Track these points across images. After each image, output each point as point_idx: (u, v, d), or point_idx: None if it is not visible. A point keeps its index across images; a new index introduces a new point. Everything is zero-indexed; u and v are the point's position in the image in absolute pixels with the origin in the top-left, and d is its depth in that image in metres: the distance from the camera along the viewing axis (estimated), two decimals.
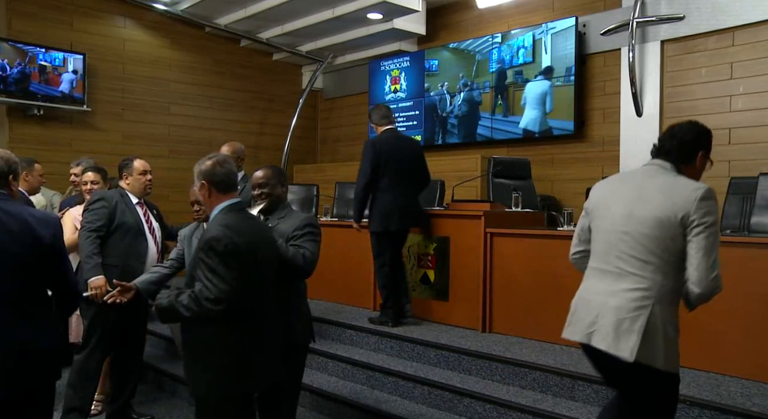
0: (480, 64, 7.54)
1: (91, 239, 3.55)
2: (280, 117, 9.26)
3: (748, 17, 5.57)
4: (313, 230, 2.95)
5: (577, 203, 6.17)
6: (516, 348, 4.01)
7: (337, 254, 5.70)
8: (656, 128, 6.15)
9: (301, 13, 7.76)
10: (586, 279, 2.48)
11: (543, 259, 4.22)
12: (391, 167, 4.55)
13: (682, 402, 3.02)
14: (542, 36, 6.96)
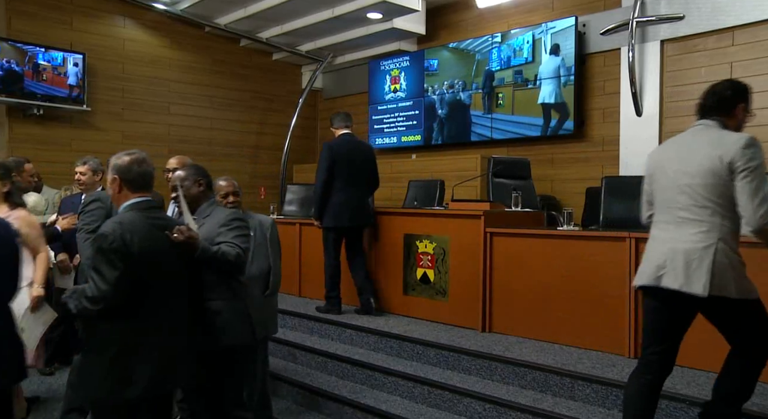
0: (480, 63, 7.55)
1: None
2: (280, 117, 9.27)
3: (748, 17, 5.58)
4: (240, 224, 2.88)
5: (577, 203, 6.19)
6: (516, 348, 4.01)
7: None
8: (656, 128, 6.16)
9: (300, 12, 7.76)
10: (652, 233, 2.74)
11: (543, 259, 4.22)
12: (345, 169, 4.92)
13: (681, 402, 3.03)
14: (542, 36, 6.97)
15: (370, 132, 8.93)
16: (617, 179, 5.38)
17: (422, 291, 4.90)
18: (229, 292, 2.89)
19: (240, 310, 2.95)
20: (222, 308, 2.85)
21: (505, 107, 7.29)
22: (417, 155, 8.37)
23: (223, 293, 2.86)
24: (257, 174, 9.16)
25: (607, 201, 4.89)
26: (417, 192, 6.26)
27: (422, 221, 4.95)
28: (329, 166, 4.90)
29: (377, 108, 8.81)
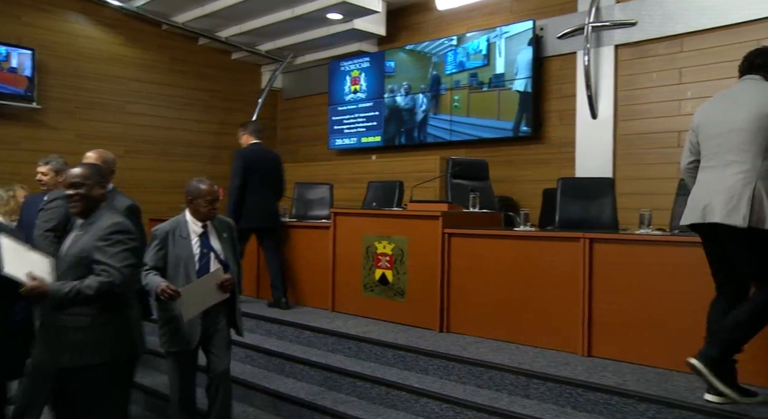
0: (436, 66, 7.61)
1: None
2: (240, 117, 9.14)
3: (696, 25, 5.75)
4: (121, 239, 2.64)
5: (534, 204, 6.30)
6: (473, 348, 4.04)
7: (294, 254, 5.68)
8: (611, 131, 6.30)
9: (259, 12, 7.70)
10: (699, 177, 3.06)
11: (500, 259, 4.27)
12: (256, 175, 5.37)
13: (630, 398, 3.10)
14: (496, 40, 7.07)
15: (330, 133, 8.92)
16: (572, 180, 5.50)
17: (381, 292, 4.91)
18: (99, 307, 2.64)
19: (109, 324, 2.70)
20: (85, 324, 2.64)
21: (461, 109, 7.37)
22: (377, 156, 8.38)
23: (92, 308, 2.64)
24: (217, 175, 8.98)
25: (563, 202, 4.99)
26: (376, 193, 6.27)
27: (381, 222, 4.96)
28: (243, 172, 5.31)
29: (337, 109, 8.80)
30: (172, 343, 3.37)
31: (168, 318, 3.35)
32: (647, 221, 3.90)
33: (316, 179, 7.41)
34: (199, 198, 3.41)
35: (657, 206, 5.11)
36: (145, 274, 3.26)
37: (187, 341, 3.35)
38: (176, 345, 3.36)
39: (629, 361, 3.65)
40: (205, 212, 3.43)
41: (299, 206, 6.68)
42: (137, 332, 2.85)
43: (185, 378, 3.43)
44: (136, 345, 2.81)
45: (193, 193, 3.43)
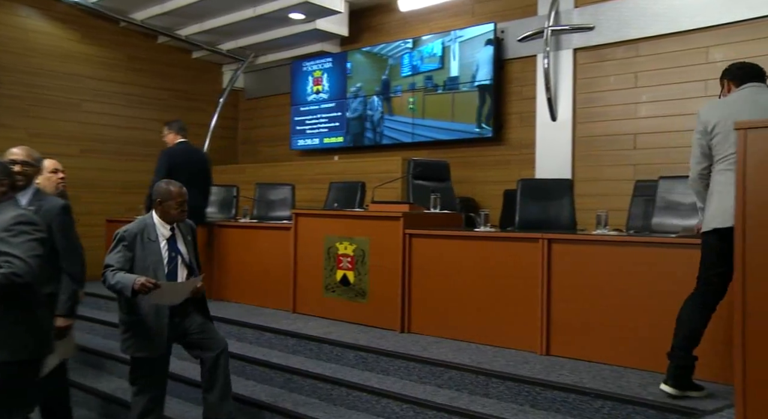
0: (393, 68, 7.66)
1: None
2: (201, 116, 9.02)
3: (650, 31, 5.89)
4: (26, 229, 2.55)
5: (496, 205, 6.36)
6: (434, 348, 4.06)
7: (255, 255, 5.62)
8: (569, 132, 6.41)
9: (221, 10, 7.60)
10: (719, 180, 2.95)
11: (460, 259, 4.30)
12: (183, 173, 5.22)
13: (586, 395, 3.15)
14: (451, 43, 7.16)
15: (292, 133, 8.86)
16: (532, 181, 5.57)
17: (342, 293, 4.89)
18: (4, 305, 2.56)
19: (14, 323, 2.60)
20: None
21: (417, 111, 7.44)
22: (339, 157, 8.36)
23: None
24: None
25: (523, 203, 5.05)
26: (338, 194, 6.26)
27: (342, 223, 4.95)
28: (168, 171, 5.27)
29: (299, 109, 8.74)
30: (136, 348, 3.30)
31: (132, 321, 3.29)
32: (604, 222, 3.97)
33: (278, 180, 7.35)
34: (169, 200, 3.38)
35: (614, 207, 5.22)
36: (113, 273, 3.19)
37: (154, 346, 3.29)
38: (141, 349, 3.30)
39: (586, 359, 3.71)
40: (175, 215, 3.41)
41: (260, 206, 6.61)
42: (45, 332, 2.75)
43: (150, 389, 3.35)
44: (42, 346, 2.72)
45: (162, 195, 3.39)
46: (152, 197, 3.43)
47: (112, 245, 3.33)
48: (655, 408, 2.95)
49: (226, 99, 9.04)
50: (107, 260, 3.27)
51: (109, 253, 3.31)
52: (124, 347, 3.34)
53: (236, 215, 6.68)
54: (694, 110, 5.66)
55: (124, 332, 3.33)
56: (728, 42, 5.51)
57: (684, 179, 4.46)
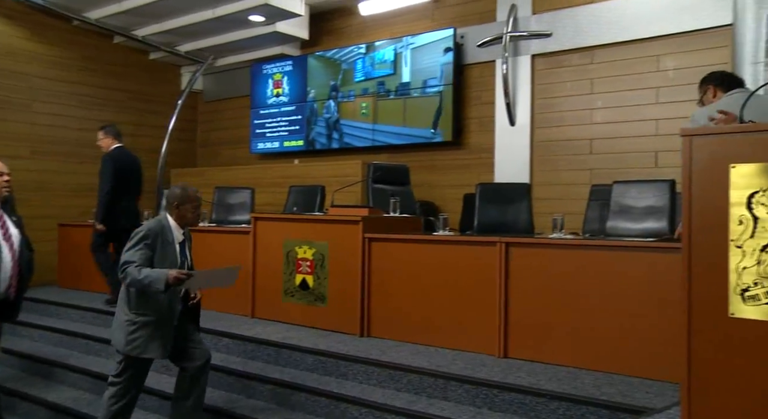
0: (346, 73, 7.72)
1: None
2: (158, 118, 8.86)
3: (605, 38, 6.03)
4: None
5: (455, 208, 6.41)
6: (393, 352, 4.06)
7: (213, 260, 5.52)
8: (528, 137, 6.50)
9: (179, 11, 7.47)
10: None
11: (419, 263, 4.31)
12: (125, 179, 5.65)
13: (542, 396, 3.20)
14: (403, 50, 7.24)
15: (252, 136, 8.78)
16: (490, 185, 5.63)
17: (301, 297, 4.86)
18: None
19: None
20: None
21: (369, 115, 7.50)
22: (300, 160, 8.31)
23: None
24: None
25: (482, 207, 5.10)
26: (297, 197, 6.21)
27: (302, 227, 4.92)
28: (114, 175, 5.54)
29: (259, 112, 8.67)
30: (144, 349, 3.29)
31: (144, 322, 3.29)
32: (560, 226, 4.04)
33: (237, 183, 7.26)
34: (186, 203, 3.44)
35: (571, 211, 5.33)
36: (138, 269, 3.20)
37: (163, 348, 3.34)
38: (151, 351, 3.31)
39: (543, 361, 3.77)
40: (191, 218, 3.48)
41: (219, 210, 6.51)
42: None
43: (132, 390, 3.40)
44: None
45: (180, 198, 3.43)
46: (168, 200, 3.47)
47: (133, 242, 3.31)
48: (608, 407, 3.01)
49: (185, 101, 8.86)
50: (128, 257, 3.26)
51: (128, 250, 3.29)
52: (130, 347, 3.29)
53: None
54: (647, 116, 5.88)
55: (132, 332, 3.29)
56: (678, 51, 5.68)
57: (637, 183, 4.60)
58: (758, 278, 2.05)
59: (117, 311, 3.41)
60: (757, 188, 2.07)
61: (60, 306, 5.93)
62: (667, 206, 4.30)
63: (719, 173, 2.16)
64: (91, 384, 4.57)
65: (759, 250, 2.05)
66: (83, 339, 5.19)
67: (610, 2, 6.01)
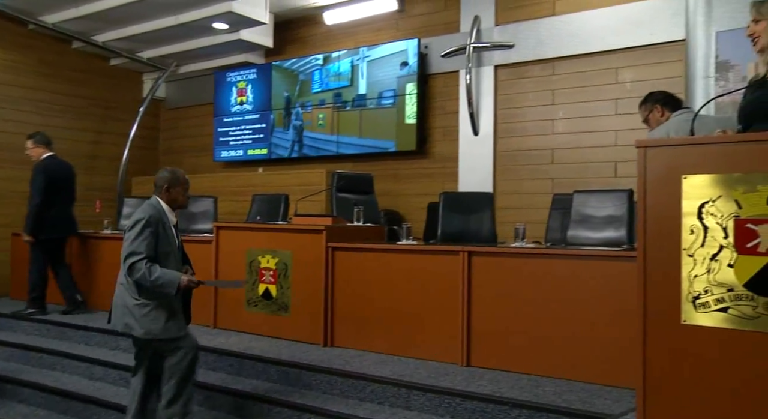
0: (303, 84, 7.79)
1: None
2: (119, 126, 8.71)
3: (566, 50, 6.16)
4: None
5: (420, 217, 6.45)
6: (356, 361, 4.05)
7: None
8: (491, 147, 6.58)
9: (141, 17, 7.36)
10: None
11: (383, 272, 4.32)
12: (56, 186, 5.67)
13: (504, 404, 3.22)
14: (359, 62, 7.33)
15: (215, 144, 8.69)
16: (454, 194, 5.67)
17: (264, 307, 4.81)
18: None
19: None
20: None
21: (326, 127, 7.57)
22: (264, 169, 8.26)
23: None
24: (93, 186, 8.49)
25: (445, 216, 5.13)
26: (261, 206, 6.16)
27: (265, 236, 4.88)
28: (48, 185, 5.56)
29: (223, 120, 8.59)
30: (163, 329, 3.31)
31: (156, 304, 3.30)
32: (521, 235, 4.08)
33: (200, 192, 7.16)
34: (177, 186, 3.45)
35: (534, 220, 5.40)
36: (149, 267, 3.19)
37: (179, 326, 3.40)
38: (168, 331, 3.34)
39: (505, 369, 3.80)
40: (182, 201, 3.49)
41: (181, 219, 6.39)
42: None
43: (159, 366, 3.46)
44: None
45: (170, 181, 3.43)
46: (158, 184, 3.44)
47: (137, 231, 3.26)
48: (568, 414, 3.05)
49: (147, 108, 8.75)
50: (135, 247, 3.22)
51: (133, 240, 3.23)
52: (145, 330, 3.28)
53: None
54: (606, 127, 6.01)
55: (146, 314, 3.28)
56: (635, 64, 5.83)
57: (597, 193, 4.69)
58: (708, 286, 2.11)
59: (120, 297, 3.36)
60: (707, 199, 2.14)
61: (12, 319, 5.76)
62: (626, 215, 4.39)
63: (672, 184, 2.21)
64: (45, 400, 4.44)
65: (709, 259, 2.11)
66: (37, 352, 5.04)
67: (570, 15, 6.13)
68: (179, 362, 3.37)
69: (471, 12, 6.66)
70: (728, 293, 2.08)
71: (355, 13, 7.47)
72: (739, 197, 2.09)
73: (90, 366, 4.67)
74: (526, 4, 6.45)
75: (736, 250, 2.07)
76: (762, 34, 2.58)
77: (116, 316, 3.37)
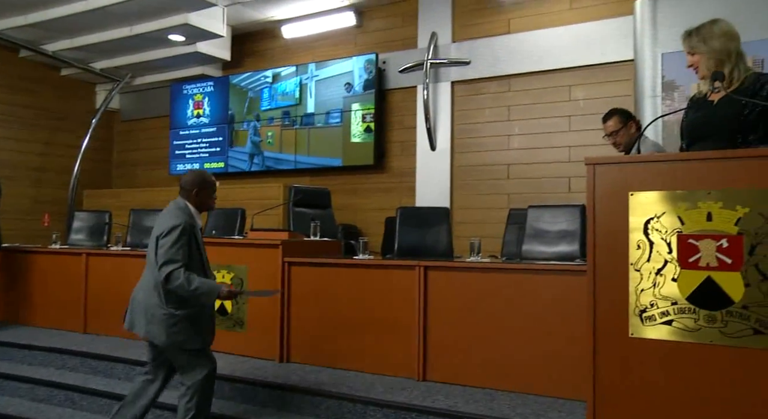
0: (252, 101, 7.82)
1: None
2: (71, 137, 8.51)
3: (521, 68, 6.29)
4: None
5: (378, 231, 6.45)
6: (312, 377, 4.01)
7: (125, 285, 5.29)
8: (448, 162, 6.65)
9: (93, 27, 7.22)
10: None
11: (339, 287, 4.29)
12: None
13: (435, 415, 3.23)
14: (308, 81, 7.39)
15: (171, 157, 8.55)
16: (411, 209, 5.69)
17: (219, 323, 4.71)
18: None
19: None
20: None
21: (275, 145, 7.61)
22: (220, 183, 8.13)
23: None
24: (41, 199, 8.28)
25: (402, 230, 5.14)
26: (217, 221, 6.07)
27: (220, 251, 4.79)
28: None
29: (179, 133, 8.47)
30: (188, 340, 3.26)
31: (185, 315, 3.23)
32: (477, 250, 4.12)
33: (155, 206, 7.02)
34: (207, 188, 3.40)
35: (491, 234, 5.47)
36: (187, 277, 3.13)
37: (204, 339, 3.38)
38: (193, 343, 3.30)
39: (461, 384, 3.81)
40: (211, 204, 3.47)
41: (135, 233, 6.28)
42: None
43: None
44: None
45: (199, 183, 3.37)
46: (186, 187, 3.37)
47: (173, 239, 3.16)
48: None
49: (100, 120, 8.57)
50: (172, 255, 3.14)
51: (171, 246, 3.14)
52: (171, 340, 3.22)
53: (108, 242, 6.31)
54: (560, 143, 6.14)
55: (173, 325, 3.21)
56: (588, 82, 5.99)
57: (550, 208, 4.77)
58: (654, 300, 2.17)
59: (143, 303, 3.28)
60: (653, 215, 2.20)
61: None
62: (579, 230, 4.48)
63: (619, 200, 2.28)
64: None
65: (654, 273, 2.18)
66: None
67: (525, 34, 6.28)
68: (197, 377, 3.30)
69: (428, 29, 6.75)
70: (672, 307, 2.14)
71: (313, 28, 7.49)
72: (681, 213, 2.16)
73: (33, 387, 4.50)
74: (482, 22, 6.58)
75: (679, 265, 2.14)
76: (699, 64, 2.70)
77: (138, 321, 3.30)
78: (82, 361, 4.70)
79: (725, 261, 2.09)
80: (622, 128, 3.95)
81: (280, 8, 7.30)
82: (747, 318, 2.07)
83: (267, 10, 7.35)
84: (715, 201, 2.12)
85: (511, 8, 6.42)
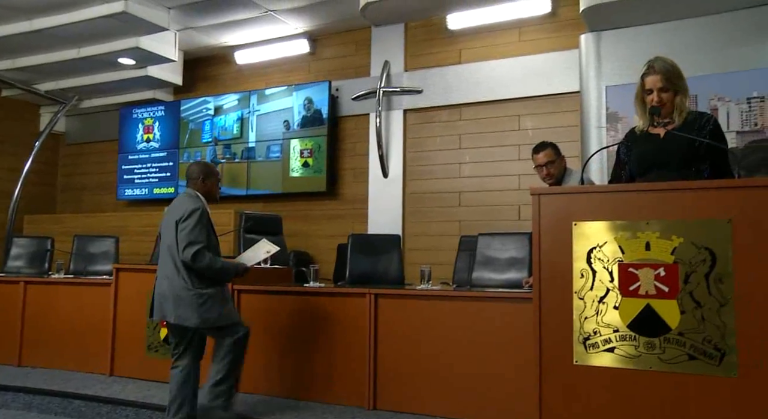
0: (192, 133, 7.82)
1: None
2: (11, 160, 8.23)
3: (471, 97, 6.41)
4: None
5: (330, 258, 6.41)
6: (262, 407, 3.94)
7: (68, 314, 5.14)
8: (400, 189, 6.69)
9: (38, 48, 7.03)
10: None
11: (290, 315, 4.25)
12: None
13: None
14: (249, 116, 7.45)
15: (119, 182, 8.35)
16: (362, 236, 5.69)
17: (166, 352, 4.58)
18: None
19: None
20: None
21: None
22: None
23: None
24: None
25: (354, 257, 5.13)
26: None
27: None
28: None
29: (128, 157, 8.29)
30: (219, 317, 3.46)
31: (212, 293, 3.43)
32: (427, 277, 4.14)
33: (101, 231, 6.84)
34: (212, 176, 3.60)
35: (442, 261, 5.50)
36: (214, 257, 3.41)
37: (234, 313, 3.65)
38: (224, 319, 3.51)
39: (411, 412, 3.79)
40: (217, 192, 3.72)
41: (78, 260, 6.08)
42: None
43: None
44: None
45: (205, 172, 3.57)
46: (192, 176, 3.57)
47: (194, 221, 3.38)
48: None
49: (44, 143, 8.32)
50: (195, 236, 3.34)
51: (194, 228, 3.36)
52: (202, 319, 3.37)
53: (49, 270, 6.09)
54: (510, 171, 6.26)
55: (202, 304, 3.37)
56: (536, 113, 6.15)
57: (500, 235, 4.85)
58: (597, 327, 2.22)
59: (168, 289, 3.37)
60: (595, 244, 2.26)
61: None
62: (527, 257, 4.54)
63: (563, 230, 2.33)
64: None
65: (597, 301, 2.23)
66: None
67: (476, 64, 6.42)
68: (235, 342, 3.52)
69: (381, 57, 6.84)
70: (614, 334, 2.19)
71: (266, 54, 7.50)
72: (622, 242, 2.23)
73: None
74: (434, 52, 6.70)
75: (620, 293, 2.20)
76: (668, 103, 2.67)
77: (165, 308, 3.36)
78: (15, 396, 4.48)
79: (662, 289, 2.16)
80: (557, 159, 4.05)
81: (234, 34, 7.28)
82: (683, 345, 2.13)
83: (220, 35, 7.33)
84: (653, 231, 2.20)
85: (462, 39, 6.56)
